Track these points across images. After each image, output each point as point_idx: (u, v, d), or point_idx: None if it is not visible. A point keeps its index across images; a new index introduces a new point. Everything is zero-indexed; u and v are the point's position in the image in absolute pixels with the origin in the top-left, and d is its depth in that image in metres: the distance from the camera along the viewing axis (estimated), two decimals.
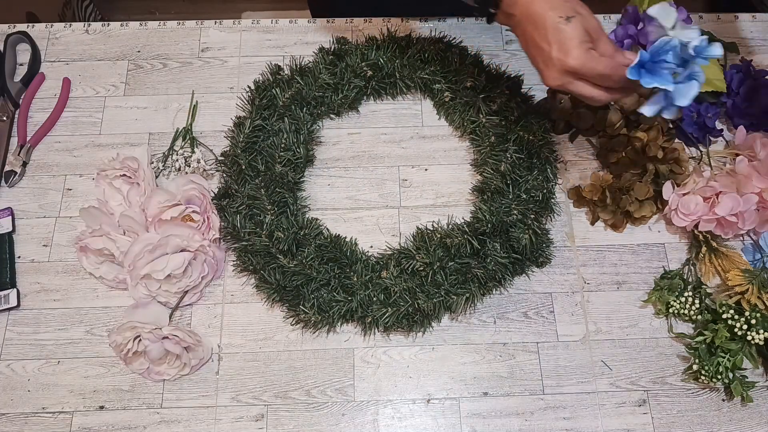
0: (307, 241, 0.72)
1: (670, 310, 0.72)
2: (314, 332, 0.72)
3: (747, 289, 0.69)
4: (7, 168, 0.79)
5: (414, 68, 0.83)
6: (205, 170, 0.79)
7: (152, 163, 0.79)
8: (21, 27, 0.89)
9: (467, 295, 0.71)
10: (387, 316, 0.70)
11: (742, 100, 0.80)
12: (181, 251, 0.71)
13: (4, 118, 0.82)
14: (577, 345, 0.72)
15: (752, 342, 0.67)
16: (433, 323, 0.72)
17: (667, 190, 0.76)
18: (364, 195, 0.79)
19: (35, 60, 0.86)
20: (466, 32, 0.88)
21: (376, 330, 0.72)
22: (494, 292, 0.74)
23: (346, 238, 0.75)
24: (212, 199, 0.76)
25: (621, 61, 0.58)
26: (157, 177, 0.79)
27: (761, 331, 0.67)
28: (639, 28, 0.82)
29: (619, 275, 0.75)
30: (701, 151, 0.81)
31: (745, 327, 0.67)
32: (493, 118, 0.79)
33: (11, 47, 0.86)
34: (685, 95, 0.57)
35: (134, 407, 0.68)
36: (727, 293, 0.72)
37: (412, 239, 0.75)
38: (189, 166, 0.79)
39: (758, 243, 0.75)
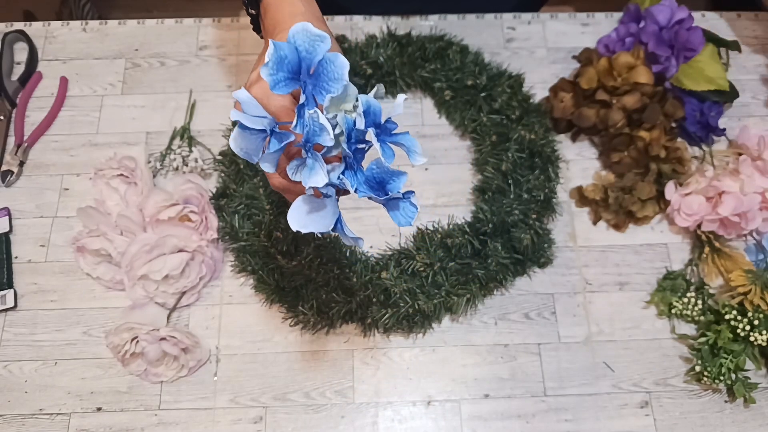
0: (306, 242, 0.72)
1: (673, 311, 0.72)
2: (313, 333, 0.71)
3: (750, 290, 0.69)
4: (3, 167, 0.79)
5: (414, 66, 0.82)
6: (203, 170, 0.78)
7: (150, 162, 0.79)
8: (18, 26, 0.88)
9: (468, 295, 0.71)
10: (387, 317, 0.69)
11: None
12: (179, 252, 0.70)
13: (1, 118, 0.82)
14: (579, 346, 0.71)
15: (755, 343, 0.67)
16: (433, 324, 0.72)
17: (670, 189, 0.75)
18: None
19: (32, 59, 0.86)
20: (467, 30, 0.88)
21: (376, 331, 0.71)
22: (495, 292, 0.73)
23: None
24: (210, 199, 0.75)
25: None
26: (154, 176, 0.78)
27: (764, 332, 0.66)
28: (641, 26, 0.82)
29: (621, 276, 0.75)
30: (704, 151, 0.80)
31: (747, 328, 0.67)
32: (494, 116, 0.79)
33: (8, 46, 0.86)
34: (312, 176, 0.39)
35: (132, 409, 0.68)
36: (729, 294, 0.71)
37: (412, 239, 0.74)
38: (187, 166, 0.78)
39: (761, 243, 0.75)
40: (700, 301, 0.71)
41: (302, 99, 0.39)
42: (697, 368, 0.68)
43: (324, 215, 0.41)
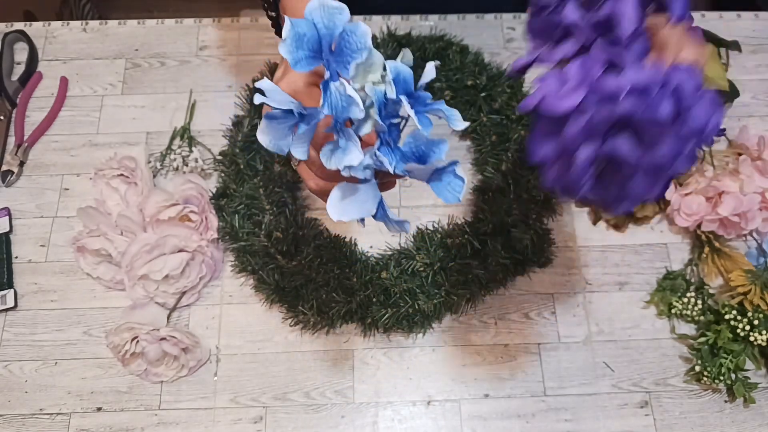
0: (306, 242, 0.72)
1: (673, 311, 0.72)
2: (313, 333, 0.71)
3: (750, 290, 0.69)
4: (4, 167, 0.79)
5: (414, 67, 0.82)
6: (203, 170, 0.78)
7: (150, 162, 0.79)
8: (18, 26, 0.88)
9: (468, 295, 0.71)
10: (387, 317, 0.69)
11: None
12: (179, 251, 0.70)
13: (2, 118, 0.82)
14: (579, 346, 0.71)
15: (755, 343, 0.67)
16: (433, 324, 0.72)
17: (670, 190, 0.75)
18: None
19: (33, 59, 0.86)
20: (467, 30, 0.88)
21: (376, 331, 0.71)
22: (495, 292, 0.73)
23: (345, 238, 0.74)
24: (210, 199, 0.75)
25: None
26: (154, 177, 0.78)
27: (764, 332, 0.66)
28: None
29: (621, 276, 0.75)
30: (704, 151, 0.80)
31: (747, 328, 0.67)
32: (494, 116, 0.79)
33: (9, 46, 0.86)
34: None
35: (132, 409, 0.68)
36: (729, 294, 0.71)
37: (412, 239, 0.74)
38: (187, 166, 0.78)
39: (762, 246, 0.75)
40: (699, 301, 0.71)
41: (327, 76, 0.37)
42: (697, 368, 0.68)
43: (364, 200, 0.38)
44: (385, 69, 0.37)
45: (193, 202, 0.74)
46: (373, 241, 0.76)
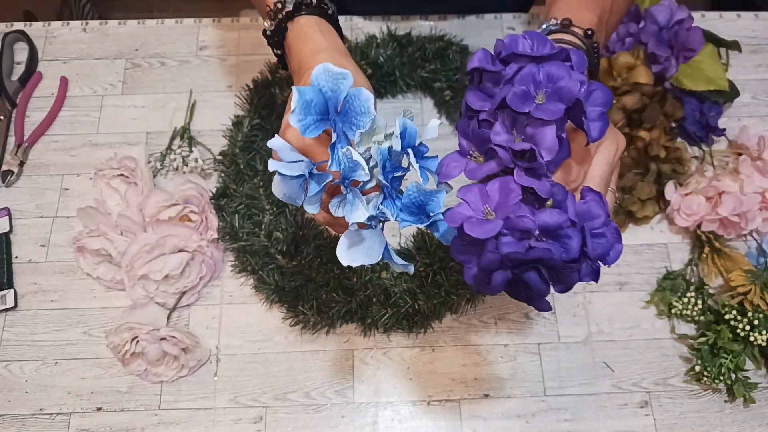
0: (306, 242, 0.72)
1: (673, 311, 0.72)
2: (313, 333, 0.71)
3: (750, 290, 0.69)
4: (4, 167, 0.79)
5: (414, 67, 0.82)
6: (203, 170, 0.78)
7: (150, 162, 0.79)
8: (18, 26, 0.88)
9: (468, 295, 0.71)
10: (387, 317, 0.69)
11: None
12: (179, 251, 0.71)
13: (2, 118, 0.82)
14: (579, 346, 0.71)
15: (755, 343, 0.67)
16: (433, 324, 0.72)
17: (670, 190, 0.75)
18: None
19: (32, 59, 0.86)
20: (467, 30, 0.88)
21: (376, 331, 0.71)
22: None
23: None
24: (210, 199, 0.75)
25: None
26: (154, 176, 0.78)
27: (764, 332, 0.66)
28: (640, 26, 0.82)
29: (621, 276, 0.75)
30: (704, 151, 0.80)
31: (747, 328, 0.67)
32: None
33: (9, 46, 0.86)
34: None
35: (132, 409, 0.68)
36: (729, 294, 0.71)
37: (412, 239, 0.74)
38: (187, 166, 0.78)
39: (762, 246, 0.75)
40: (699, 301, 0.71)
41: (334, 137, 0.40)
42: (697, 368, 0.68)
43: (370, 246, 0.41)
44: (386, 128, 0.41)
45: (193, 202, 0.74)
46: None
